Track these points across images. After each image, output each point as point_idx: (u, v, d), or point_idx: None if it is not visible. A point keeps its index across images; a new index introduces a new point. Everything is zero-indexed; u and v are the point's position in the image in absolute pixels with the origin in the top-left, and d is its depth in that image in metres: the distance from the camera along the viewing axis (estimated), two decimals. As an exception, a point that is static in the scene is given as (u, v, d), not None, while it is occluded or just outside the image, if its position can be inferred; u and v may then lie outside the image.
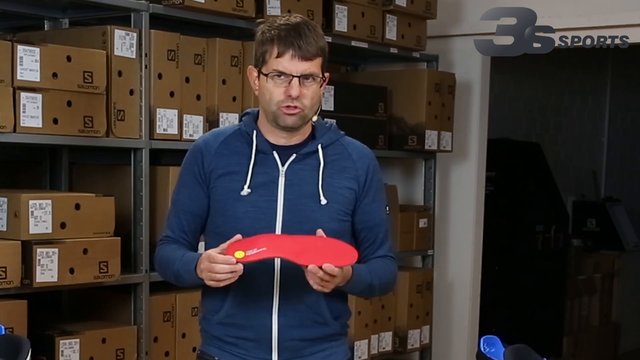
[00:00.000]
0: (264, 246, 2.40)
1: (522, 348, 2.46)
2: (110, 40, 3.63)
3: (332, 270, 2.39)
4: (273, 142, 2.59)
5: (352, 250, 2.47)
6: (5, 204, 3.38)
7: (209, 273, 2.42)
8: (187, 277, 2.55)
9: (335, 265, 2.39)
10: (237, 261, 2.38)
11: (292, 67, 2.49)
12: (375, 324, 4.87)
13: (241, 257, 2.38)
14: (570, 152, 8.65)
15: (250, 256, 2.39)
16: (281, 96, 2.50)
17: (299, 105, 2.50)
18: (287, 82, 2.50)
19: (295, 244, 2.43)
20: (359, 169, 2.62)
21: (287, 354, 2.57)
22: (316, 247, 2.43)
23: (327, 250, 2.42)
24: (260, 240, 2.43)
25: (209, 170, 2.60)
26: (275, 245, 2.42)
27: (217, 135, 2.66)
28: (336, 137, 2.65)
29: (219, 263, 2.39)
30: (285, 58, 2.49)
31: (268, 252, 2.40)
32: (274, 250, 2.41)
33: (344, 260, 2.42)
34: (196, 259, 2.51)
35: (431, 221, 5.30)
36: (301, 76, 2.50)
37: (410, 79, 5.10)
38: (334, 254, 2.42)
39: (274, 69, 2.50)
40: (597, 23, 4.93)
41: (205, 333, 2.67)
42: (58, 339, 3.51)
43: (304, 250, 2.41)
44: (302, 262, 2.39)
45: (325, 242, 2.45)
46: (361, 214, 2.62)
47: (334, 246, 2.45)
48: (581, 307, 7.74)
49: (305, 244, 2.43)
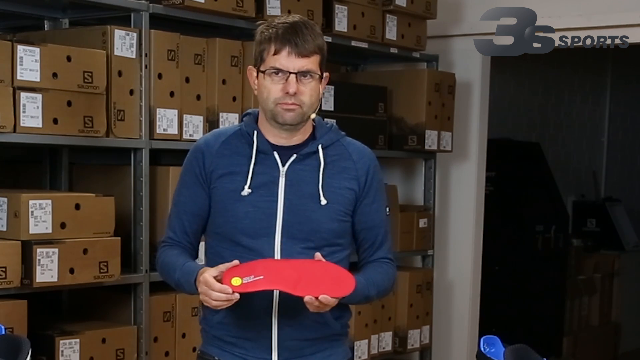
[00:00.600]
0: (261, 274, 2.42)
1: (522, 348, 2.47)
2: (110, 40, 3.63)
3: (328, 302, 2.41)
4: (274, 143, 2.59)
5: (350, 279, 2.47)
6: (5, 204, 3.38)
7: (205, 297, 2.45)
8: (187, 287, 2.57)
9: (332, 296, 2.41)
10: (233, 290, 2.40)
11: (289, 63, 2.50)
12: (375, 324, 4.87)
13: (238, 284, 2.41)
14: (570, 152, 8.65)
15: (247, 285, 2.41)
16: (279, 93, 2.51)
17: (296, 102, 2.51)
18: (285, 79, 2.50)
19: (293, 271, 2.43)
20: (360, 170, 2.62)
21: (287, 353, 2.58)
22: (314, 274, 2.44)
23: (325, 278, 2.44)
24: (258, 266, 2.44)
25: (209, 170, 2.60)
26: (272, 274, 2.43)
27: (217, 135, 2.66)
28: (337, 138, 2.65)
29: (215, 291, 2.42)
30: (282, 55, 2.50)
31: (265, 283, 2.42)
32: (270, 281, 2.42)
33: (340, 291, 2.44)
34: (196, 271, 2.52)
35: (431, 221, 5.30)
36: (298, 73, 2.50)
37: (410, 79, 5.10)
38: (331, 282, 2.43)
39: (271, 66, 2.51)
40: (597, 23, 4.92)
41: (206, 333, 2.67)
42: (58, 339, 3.51)
43: (301, 278, 2.42)
44: (298, 294, 2.41)
45: (323, 268, 2.46)
46: (361, 215, 2.63)
47: (331, 273, 2.46)
48: (581, 307, 7.74)
49: (303, 270, 2.44)
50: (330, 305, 2.43)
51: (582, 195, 8.66)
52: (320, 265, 2.46)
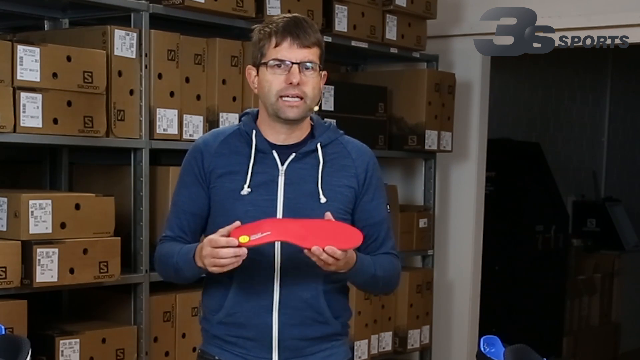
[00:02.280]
0: (268, 230, 2.38)
1: (522, 348, 2.46)
2: (110, 40, 3.63)
3: (334, 253, 2.37)
4: (272, 142, 2.60)
5: (357, 233, 2.44)
6: (5, 204, 3.38)
7: (212, 259, 2.39)
8: (186, 269, 2.53)
9: (339, 248, 2.38)
10: (240, 245, 2.36)
11: (291, 54, 2.50)
12: (375, 324, 4.87)
13: (245, 241, 2.35)
14: (570, 152, 8.65)
15: (255, 240, 2.36)
16: (281, 85, 2.51)
17: (299, 93, 2.51)
18: (287, 71, 2.50)
19: (300, 227, 2.41)
20: (358, 168, 2.62)
21: (287, 353, 2.58)
22: (321, 229, 2.41)
23: (332, 233, 2.41)
24: (264, 224, 2.41)
25: (208, 170, 2.60)
26: (279, 229, 2.40)
27: (216, 135, 2.66)
28: (335, 136, 2.65)
29: (222, 247, 2.37)
30: (283, 46, 2.51)
31: (272, 236, 2.38)
32: (278, 234, 2.39)
33: (348, 243, 2.41)
34: (194, 248, 2.50)
35: (431, 221, 5.30)
36: (300, 63, 2.50)
37: (410, 79, 5.11)
38: (339, 236, 2.40)
39: (273, 58, 2.51)
40: (597, 23, 4.93)
41: (206, 332, 2.67)
42: (58, 339, 3.51)
43: (308, 234, 2.39)
44: (305, 245, 2.37)
45: (331, 224, 2.44)
46: (361, 213, 2.62)
47: (339, 229, 2.44)
48: (581, 307, 7.75)
49: (310, 227, 2.42)
50: (337, 258, 2.38)
51: (582, 195, 8.66)
52: (327, 223, 2.44)
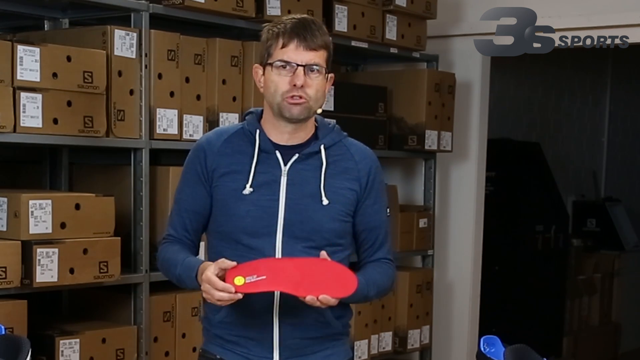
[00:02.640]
0: (264, 274, 2.42)
1: (522, 348, 2.47)
2: (110, 40, 3.63)
3: (329, 302, 2.42)
4: (276, 142, 2.60)
5: (352, 279, 2.46)
6: (5, 204, 3.38)
7: (208, 295, 2.45)
8: (188, 283, 2.57)
9: (333, 296, 2.42)
10: (235, 290, 2.40)
11: (297, 56, 2.51)
12: (375, 324, 4.87)
13: (241, 284, 2.40)
14: (570, 152, 8.65)
15: (250, 285, 2.41)
16: (286, 86, 2.51)
17: (303, 95, 2.51)
18: (292, 72, 2.51)
19: (296, 269, 2.43)
20: (361, 171, 2.62)
21: (288, 352, 2.58)
22: (316, 273, 2.44)
23: (327, 278, 2.43)
24: (261, 266, 2.43)
25: (211, 169, 2.60)
26: (275, 273, 2.43)
27: (220, 134, 2.66)
28: (339, 138, 2.65)
29: (218, 290, 2.41)
30: (290, 48, 2.51)
31: (267, 284, 2.42)
32: (273, 282, 2.42)
33: (342, 291, 2.44)
34: (197, 266, 2.52)
35: (431, 221, 5.30)
36: (306, 66, 2.51)
37: (410, 79, 5.11)
38: (333, 282, 2.43)
39: (279, 59, 2.52)
40: (597, 23, 4.93)
41: (207, 332, 2.67)
42: (58, 339, 3.51)
43: (303, 278, 2.42)
44: (300, 295, 2.42)
45: (326, 267, 2.45)
46: (362, 216, 2.63)
47: (334, 273, 2.45)
48: (581, 307, 7.75)
49: (306, 269, 2.44)
50: (331, 305, 2.43)
51: (582, 195, 8.66)
52: (323, 265, 2.45)
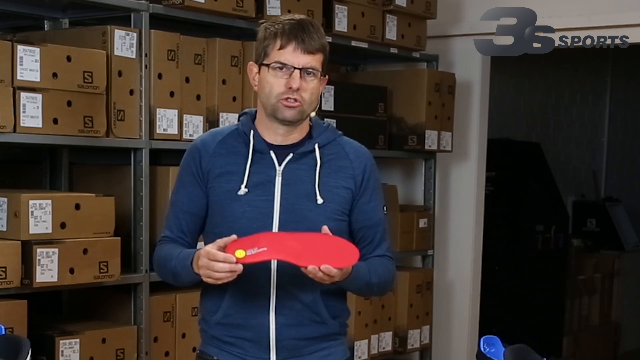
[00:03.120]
0: (264, 246, 2.39)
1: (522, 348, 2.46)
2: (110, 40, 3.64)
3: (330, 272, 2.38)
4: (270, 142, 2.60)
5: (354, 251, 2.45)
6: (5, 204, 3.38)
7: (207, 271, 2.41)
8: (184, 274, 2.54)
9: (335, 266, 2.39)
10: (237, 261, 2.37)
11: (295, 59, 2.51)
12: (375, 324, 4.87)
13: (242, 256, 2.37)
14: (570, 152, 8.65)
15: (251, 256, 2.38)
16: (282, 88, 2.51)
17: (298, 98, 2.51)
18: (289, 75, 2.51)
19: (297, 242, 2.41)
20: (356, 169, 2.62)
21: (285, 353, 2.58)
22: (317, 245, 2.42)
23: (329, 250, 2.41)
24: (261, 239, 2.41)
25: (206, 170, 2.60)
26: (276, 245, 2.41)
27: (214, 135, 2.66)
28: (333, 137, 2.65)
29: (219, 261, 2.38)
30: (287, 50, 2.51)
31: (269, 253, 2.39)
32: (274, 251, 2.40)
33: (344, 262, 2.42)
34: (192, 254, 2.50)
35: (431, 221, 5.30)
36: (302, 69, 2.51)
37: (410, 79, 5.10)
38: (335, 253, 2.41)
39: (276, 60, 2.52)
40: (597, 23, 4.93)
41: (205, 333, 2.67)
42: (58, 339, 3.51)
43: (304, 250, 2.40)
44: (301, 264, 2.39)
45: (327, 240, 2.44)
46: (358, 214, 2.62)
47: (336, 245, 2.44)
48: (581, 307, 7.75)
49: (307, 242, 2.42)
50: (333, 276, 2.40)
51: (582, 195, 8.66)
52: (324, 238, 2.45)
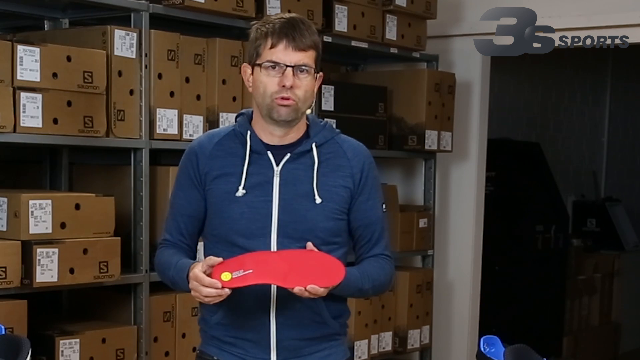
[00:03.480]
0: (250, 268, 2.42)
1: (522, 348, 2.46)
2: (110, 40, 3.64)
3: (317, 291, 2.41)
4: (267, 142, 2.59)
5: (340, 268, 2.47)
6: (5, 204, 3.38)
7: (196, 293, 2.45)
8: (181, 284, 2.56)
9: (320, 286, 2.41)
10: (222, 285, 2.40)
11: (286, 57, 2.50)
12: (375, 324, 4.87)
13: (227, 279, 2.41)
14: (570, 152, 8.65)
15: (237, 280, 2.41)
16: (275, 87, 2.51)
17: (292, 96, 2.51)
18: (281, 73, 2.51)
19: (283, 262, 2.44)
20: (354, 167, 2.62)
21: (285, 353, 2.58)
22: (304, 264, 2.44)
23: (315, 268, 2.44)
24: (247, 260, 2.44)
25: (204, 172, 2.60)
26: (261, 267, 2.43)
27: (211, 137, 2.66)
28: (331, 136, 2.64)
29: (205, 286, 2.41)
30: (279, 48, 2.51)
31: (254, 276, 2.42)
32: (260, 275, 2.43)
33: (329, 280, 2.44)
34: (187, 267, 2.52)
35: (431, 221, 5.30)
36: (295, 66, 2.50)
37: (410, 79, 5.10)
38: (320, 271, 2.44)
39: (267, 60, 2.51)
40: (597, 23, 4.93)
41: (205, 333, 2.67)
42: (58, 339, 3.51)
43: (291, 270, 2.42)
44: (287, 286, 2.42)
45: (313, 257, 2.46)
46: (357, 212, 2.62)
47: (322, 262, 2.46)
48: (581, 307, 7.75)
49: (293, 261, 2.44)
50: (320, 294, 2.43)
51: (582, 195, 8.66)
52: (309, 255, 2.47)
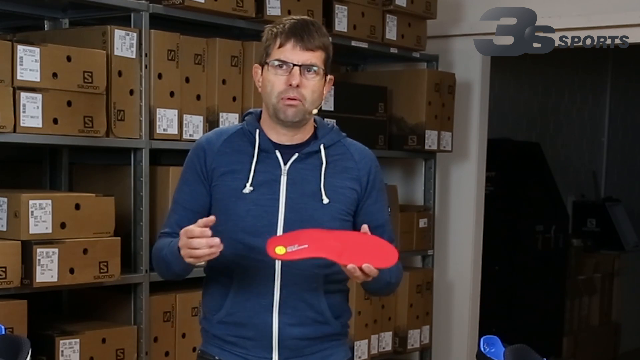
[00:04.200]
0: (305, 243, 2.39)
1: (522, 348, 2.47)
2: (110, 40, 3.63)
3: (371, 271, 2.40)
4: (275, 141, 2.60)
5: (393, 251, 2.45)
6: (5, 204, 3.38)
7: (187, 250, 2.39)
8: (174, 262, 2.51)
9: (375, 266, 2.40)
10: (277, 257, 2.38)
11: (294, 56, 2.52)
12: (375, 324, 4.87)
13: (282, 253, 2.37)
14: (570, 152, 8.65)
15: (292, 253, 2.37)
16: (282, 86, 2.52)
17: (298, 95, 2.51)
18: (288, 72, 2.52)
19: (337, 241, 2.41)
20: (361, 170, 2.63)
21: (287, 352, 2.58)
22: (358, 244, 2.42)
23: (369, 249, 2.42)
24: (301, 236, 2.41)
25: (211, 168, 2.60)
26: (317, 242, 2.40)
27: (220, 134, 2.67)
28: (338, 138, 2.66)
29: (195, 237, 2.36)
30: (287, 48, 2.52)
31: (310, 251, 2.39)
32: (315, 249, 2.39)
33: (384, 262, 2.42)
34: None
35: (431, 221, 5.30)
36: (302, 65, 2.51)
37: (410, 79, 5.11)
38: (375, 253, 2.41)
39: (275, 58, 2.53)
40: (597, 23, 4.93)
41: (206, 332, 2.67)
42: (58, 339, 3.51)
43: (345, 249, 2.40)
44: (343, 262, 2.39)
45: (366, 239, 2.44)
46: (364, 215, 2.63)
47: (376, 244, 2.44)
48: (581, 307, 7.75)
49: (347, 241, 2.42)
50: (372, 276, 2.41)
51: (582, 195, 8.66)
52: (363, 237, 2.45)
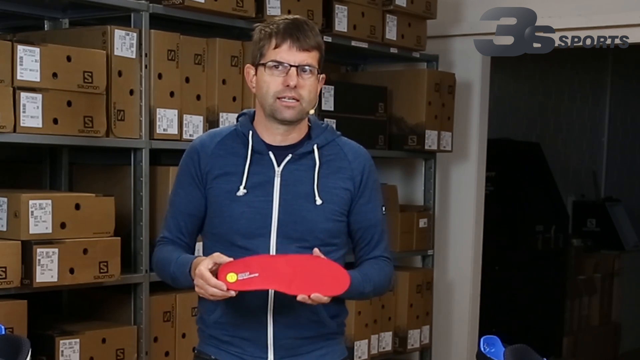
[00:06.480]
0: (256, 271, 2.42)
1: (522, 348, 2.47)
2: (110, 40, 3.64)
3: (321, 300, 2.43)
4: (269, 143, 2.60)
5: (345, 277, 2.47)
6: (5, 204, 3.38)
7: (201, 290, 2.45)
8: (182, 280, 2.56)
9: (324, 295, 2.42)
10: (228, 287, 2.41)
11: (290, 57, 2.51)
12: (375, 324, 4.87)
13: (233, 281, 2.41)
14: (570, 152, 8.65)
15: (242, 282, 2.41)
16: (279, 87, 2.52)
17: (296, 96, 2.52)
18: (285, 73, 2.51)
19: (288, 267, 2.43)
20: (355, 170, 2.63)
21: (282, 352, 2.58)
22: (309, 271, 2.44)
23: (320, 275, 2.44)
24: (253, 263, 2.44)
25: (205, 171, 2.61)
26: (267, 271, 2.43)
27: (213, 136, 2.67)
28: (332, 138, 2.65)
29: (211, 287, 2.42)
30: (283, 48, 2.52)
31: (260, 281, 2.43)
32: (265, 278, 2.43)
33: (334, 289, 2.45)
34: (190, 262, 2.52)
35: (431, 221, 5.30)
36: (299, 66, 2.51)
37: (410, 79, 5.10)
38: (326, 279, 2.44)
39: (271, 59, 2.52)
40: (597, 23, 4.93)
41: (202, 332, 2.68)
42: (58, 339, 3.51)
43: (296, 276, 2.42)
44: (291, 293, 2.42)
45: (320, 264, 2.46)
46: (357, 215, 2.63)
47: (327, 270, 2.46)
48: (581, 307, 7.75)
49: (298, 267, 2.44)
50: (323, 302, 2.44)
51: (582, 195, 8.66)
52: (316, 262, 2.46)
